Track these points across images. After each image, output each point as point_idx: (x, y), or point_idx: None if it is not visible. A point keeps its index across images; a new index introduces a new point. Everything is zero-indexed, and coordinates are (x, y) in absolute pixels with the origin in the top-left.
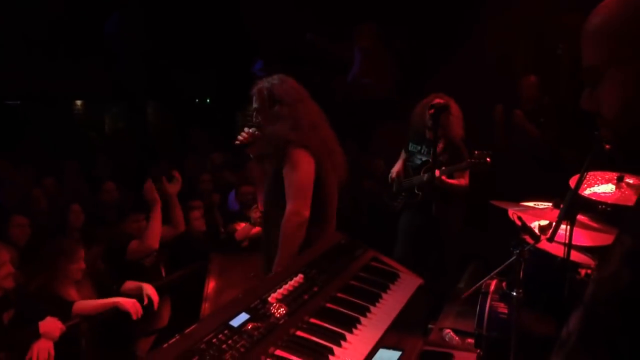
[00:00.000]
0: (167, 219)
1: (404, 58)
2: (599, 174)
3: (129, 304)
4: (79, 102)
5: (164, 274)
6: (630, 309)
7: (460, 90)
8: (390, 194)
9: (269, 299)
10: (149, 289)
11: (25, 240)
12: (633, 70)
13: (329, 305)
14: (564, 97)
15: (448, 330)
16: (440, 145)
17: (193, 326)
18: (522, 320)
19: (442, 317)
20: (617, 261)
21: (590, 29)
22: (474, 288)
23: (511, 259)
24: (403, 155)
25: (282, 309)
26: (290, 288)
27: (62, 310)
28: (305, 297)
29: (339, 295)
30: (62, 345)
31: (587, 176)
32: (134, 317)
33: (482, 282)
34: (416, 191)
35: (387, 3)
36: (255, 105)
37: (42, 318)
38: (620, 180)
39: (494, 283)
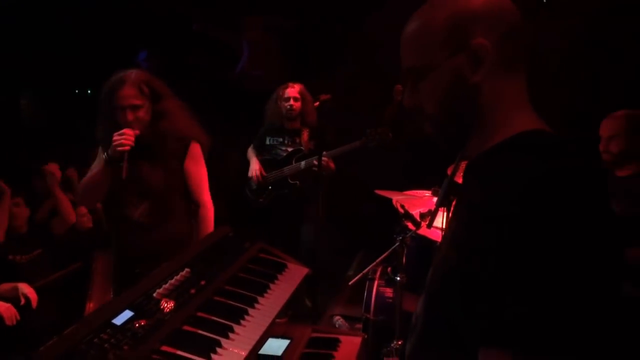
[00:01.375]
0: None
1: (291, 50)
2: None
3: (2, 308)
4: None
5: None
6: (457, 289)
7: (347, 87)
8: (253, 191)
9: (154, 294)
10: (25, 288)
11: None
12: (447, 68)
13: (216, 298)
14: None
15: (338, 317)
16: (306, 134)
17: (73, 326)
18: (406, 304)
19: (332, 304)
20: (446, 245)
21: (407, 37)
22: (360, 275)
23: (395, 246)
24: (253, 152)
25: (168, 304)
26: (177, 283)
27: None
28: (192, 291)
29: (227, 287)
30: None
31: (464, 165)
32: (8, 323)
33: (368, 268)
34: (290, 181)
35: None
36: (135, 101)
37: None
38: None
39: (379, 269)
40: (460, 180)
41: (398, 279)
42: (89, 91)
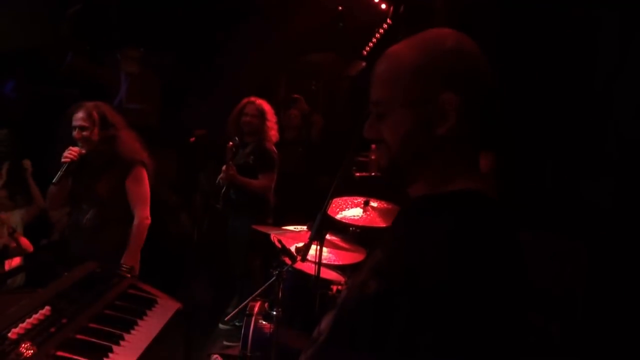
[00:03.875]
0: None
1: (168, 84)
2: (349, 198)
3: None
4: None
5: None
6: (371, 314)
7: (220, 120)
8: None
9: (9, 334)
10: None
11: None
12: (414, 112)
13: (78, 336)
14: (322, 127)
15: (216, 356)
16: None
17: None
18: (282, 338)
19: (211, 342)
20: (367, 271)
21: (380, 72)
22: (237, 310)
23: (271, 280)
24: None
25: (25, 345)
26: (35, 322)
27: None
28: (52, 329)
29: (91, 325)
30: None
31: (340, 201)
32: None
33: (244, 303)
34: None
35: (152, 29)
36: (83, 124)
37: None
38: (366, 204)
39: (258, 304)
40: (337, 216)
41: (274, 313)
42: None
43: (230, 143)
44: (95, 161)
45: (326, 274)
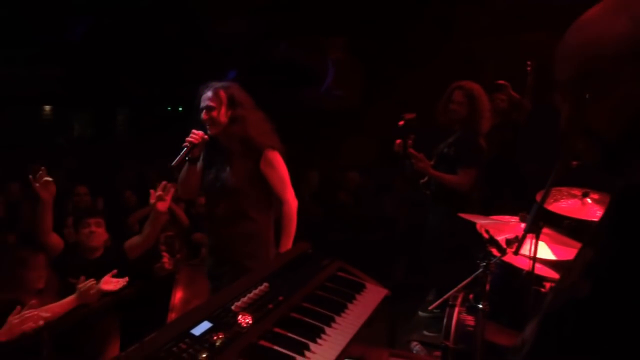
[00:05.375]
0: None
1: (371, 70)
2: (564, 189)
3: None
4: (47, 107)
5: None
6: (586, 321)
7: (426, 104)
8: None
9: (233, 307)
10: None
11: None
12: (631, 82)
13: (293, 314)
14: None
15: (415, 343)
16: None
17: (153, 334)
18: (488, 333)
19: (409, 328)
20: (578, 273)
21: (580, 40)
22: (441, 300)
23: (478, 272)
24: None
25: (246, 318)
26: (255, 297)
27: None
28: (270, 306)
29: (304, 304)
30: (22, 354)
31: (553, 191)
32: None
33: (449, 294)
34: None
35: (356, 16)
36: (210, 104)
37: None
38: (585, 195)
39: (461, 295)
40: (550, 207)
41: (480, 306)
42: (180, 108)
43: (409, 139)
44: (225, 146)
45: (537, 269)
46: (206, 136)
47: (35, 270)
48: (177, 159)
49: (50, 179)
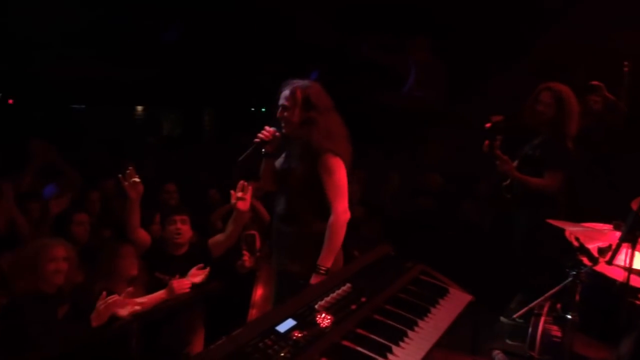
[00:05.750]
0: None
1: (455, 70)
2: None
3: (178, 284)
4: (139, 108)
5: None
6: None
7: (515, 104)
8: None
9: (316, 306)
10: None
11: (86, 238)
12: None
13: (376, 316)
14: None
15: (498, 351)
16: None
17: (240, 329)
18: (576, 345)
19: (492, 336)
20: None
21: None
22: (526, 309)
23: (567, 281)
24: None
25: (329, 317)
26: (338, 297)
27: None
28: (353, 306)
29: (387, 307)
30: (112, 344)
31: None
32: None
33: (535, 302)
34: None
35: (441, 15)
36: (285, 103)
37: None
38: None
39: (547, 304)
40: None
41: (570, 317)
42: (263, 109)
43: (497, 140)
44: (294, 146)
45: (633, 280)
46: (278, 133)
47: (127, 259)
48: (244, 154)
49: (137, 179)
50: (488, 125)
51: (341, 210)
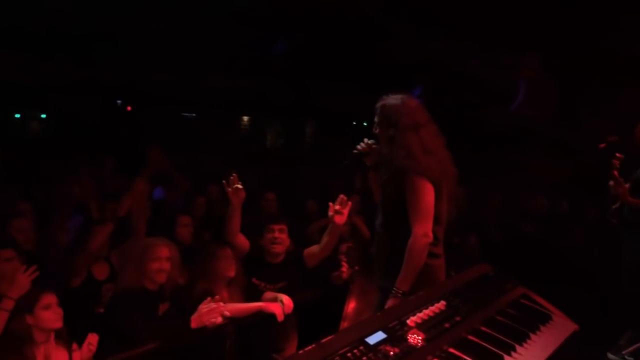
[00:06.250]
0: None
1: (566, 90)
2: None
3: (275, 307)
4: (245, 118)
5: None
6: None
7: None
8: None
9: (408, 321)
10: (284, 299)
11: (190, 239)
12: None
13: (470, 337)
14: None
15: None
16: None
17: (330, 337)
18: None
19: None
20: None
21: None
22: (637, 346)
23: None
24: None
25: (420, 334)
26: (431, 314)
27: None
28: (446, 325)
29: (482, 328)
30: (208, 344)
31: None
32: (280, 319)
33: None
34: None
35: (554, 32)
36: (376, 119)
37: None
38: None
39: None
40: None
41: None
42: (364, 123)
43: (616, 159)
44: (387, 162)
45: None
46: (375, 146)
47: (224, 260)
48: (344, 163)
49: (240, 186)
50: (603, 145)
51: (420, 234)
